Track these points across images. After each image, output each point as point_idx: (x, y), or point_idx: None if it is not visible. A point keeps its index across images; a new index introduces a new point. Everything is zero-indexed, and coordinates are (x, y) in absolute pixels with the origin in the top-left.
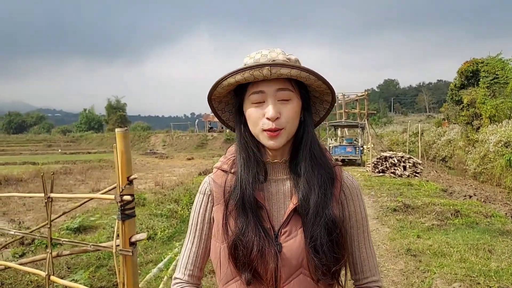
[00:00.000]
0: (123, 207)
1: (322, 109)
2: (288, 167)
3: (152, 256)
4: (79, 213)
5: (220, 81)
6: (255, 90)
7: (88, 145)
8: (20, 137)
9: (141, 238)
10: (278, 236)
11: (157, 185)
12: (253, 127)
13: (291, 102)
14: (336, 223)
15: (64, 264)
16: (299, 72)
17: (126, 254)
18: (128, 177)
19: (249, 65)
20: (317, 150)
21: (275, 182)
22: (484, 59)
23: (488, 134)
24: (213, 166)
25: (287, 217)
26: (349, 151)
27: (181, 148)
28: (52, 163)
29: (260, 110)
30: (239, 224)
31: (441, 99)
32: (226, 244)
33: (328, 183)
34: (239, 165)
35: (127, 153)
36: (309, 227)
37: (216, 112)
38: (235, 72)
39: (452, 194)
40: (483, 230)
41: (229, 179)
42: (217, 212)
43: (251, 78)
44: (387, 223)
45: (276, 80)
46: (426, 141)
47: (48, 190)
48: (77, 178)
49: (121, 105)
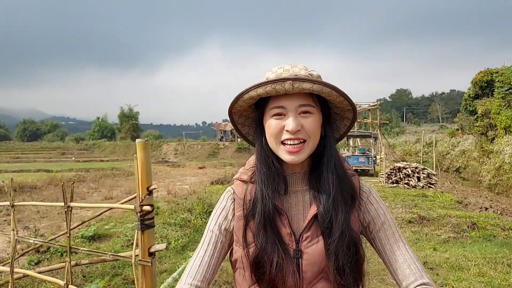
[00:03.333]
0: (143, 217)
1: (343, 126)
2: (307, 179)
3: (167, 266)
4: (94, 221)
5: (241, 94)
6: (276, 105)
7: (101, 153)
8: (34, 145)
9: (160, 249)
10: (299, 241)
11: (169, 193)
12: (270, 140)
13: (312, 116)
14: (356, 243)
15: (79, 272)
16: (321, 88)
17: (145, 264)
18: (148, 188)
19: (271, 79)
20: (340, 166)
21: (294, 194)
22: (499, 69)
23: (503, 145)
24: (233, 178)
25: (308, 222)
26: (362, 161)
27: (193, 156)
28: (65, 171)
29: (280, 122)
30: (259, 241)
31: (454, 109)
32: (246, 250)
33: (346, 196)
34: (259, 179)
35: (147, 163)
36: (333, 245)
37: (236, 126)
38: (257, 86)
39: (468, 206)
40: (501, 244)
41: (249, 189)
42: (237, 220)
43: (273, 92)
44: (403, 235)
45: (297, 95)
46: (439, 152)
47: (68, 199)
48: (90, 186)
49: (134, 114)
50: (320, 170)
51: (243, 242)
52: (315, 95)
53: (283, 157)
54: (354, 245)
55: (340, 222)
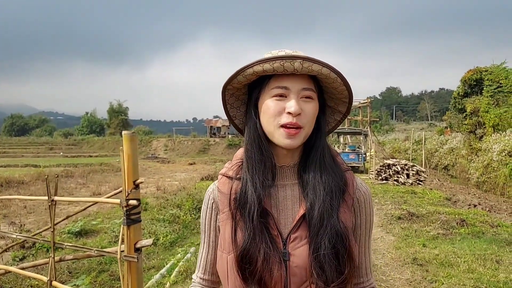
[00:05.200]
0: (129, 211)
1: (333, 120)
2: (297, 172)
3: (154, 262)
4: (81, 216)
5: (245, 68)
6: (279, 85)
7: (90, 148)
8: (22, 140)
9: (146, 244)
10: (286, 243)
11: (158, 189)
12: (269, 121)
13: (313, 102)
14: (341, 234)
15: (65, 268)
16: (329, 72)
17: (131, 260)
18: (135, 181)
19: (282, 55)
20: (327, 156)
21: (282, 187)
22: (488, 67)
23: (492, 143)
24: (219, 173)
25: (296, 223)
26: (352, 158)
27: (183, 153)
28: (53, 166)
29: (280, 103)
30: (247, 233)
31: (443, 108)
32: (233, 255)
33: (337, 191)
34: (248, 167)
35: (134, 156)
36: (313, 237)
37: (225, 105)
38: (265, 60)
39: (456, 203)
40: (490, 240)
41: (235, 186)
42: (223, 221)
43: (280, 69)
44: (392, 231)
45: (301, 78)
46: (428, 149)
47: (52, 193)
48: (78, 181)
49: (123, 109)
50: (310, 162)
51: (232, 243)
52: (316, 82)
53: (279, 141)
54: (342, 243)
55: (319, 211)
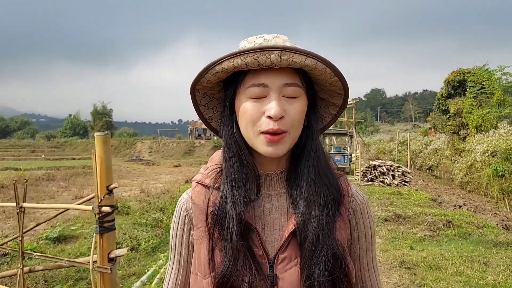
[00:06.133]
0: (102, 219)
1: (327, 114)
2: (285, 179)
3: (135, 269)
4: (60, 221)
5: (212, 65)
6: (256, 83)
7: (73, 151)
8: (3, 142)
9: (121, 254)
10: (274, 264)
11: (142, 192)
12: (247, 127)
13: (299, 100)
14: (339, 258)
15: (41, 277)
16: (315, 63)
17: (103, 271)
18: (108, 186)
19: (254, 47)
20: (322, 162)
21: (268, 198)
22: (471, 69)
23: (475, 143)
24: (193, 179)
25: (285, 241)
26: (338, 159)
27: (168, 155)
28: (35, 169)
29: (259, 106)
30: (227, 257)
31: (427, 109)
32: (211, 279)
33: (333, 205)
34: (227, 179)
35: (107, 160)
36: (307, 261)
37: (197, 107)
38: (235, 55)
39: (442, 203)
40: (477, 242)
41: (213, 197)
42: (197, 239)
43: (254, 64)
44: (379, 233)
45: (283, 72)
46: (412, 150)
47: (21, 199)
48: (60, 184)
49: (107, 111)
50: (301, 168)
51: (209, 267)
52: (302, 74)
53: (260, 149)
54: (340, 268)
55: (314, 230)
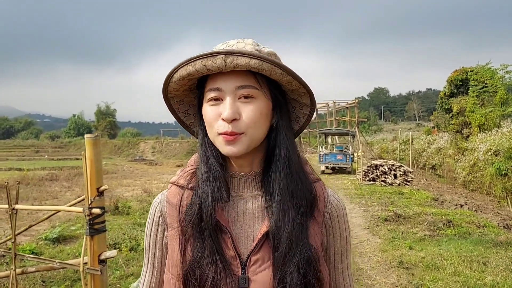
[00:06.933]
0: (92, 221)
1: (302, 115)
2: (260, 182)
3: (134, 269)
4: (61, 222)
5: (170, 74)
6: (212, 87)
7: (77, 151)
8: (7, 143)
9: (111, 256)
10: (246, 266)
11: (144, 192)
12: (209, 130)
13: (255, 102)
14: (312, 262)
15: (38, 277)
16: (261, 63)
17: (94, 273)
18: (98, 188)
19: (201, 53)
20: (294, 163)
21: (242, 200)
22: (474, 68)
23: (478, 142)
24: (169, 181)
25: (258, 242)
26: (340, 158)
27: (171, 154)
28: (38, 169)
29: (216, 109)
30: (194, 251)
31: (430, 108)
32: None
33: (306, 207)
34: (198, 178)
35: (97, 162)
36: (279, 264)
37: (176, 115)
38: (185, 63)
39: (443, 203)
40: (476, 241)
41: (186, 196)
42: (171, 239)
43: (203, 70)
44: (378, 233)
45: (237, 75)
46: (415, 149)
47: (13, 201)
48: (63, 184)
49: (111, 111)
50: (273, 169)
51: (181, 261)
52: (260, 76)
53: (221, 150)
54: (313, 272)
55: (287, 233)
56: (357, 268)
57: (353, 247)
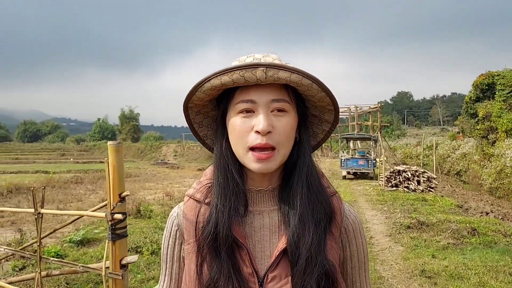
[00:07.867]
0: (114, 226)
1: (321, 131)
2: (277, 196)
3: (155, 273)
4: (84, 225)
5: (201, 83)
6: (244, 99)
7: (101, 154)
8: (34, 146)
9: (132, 261)
10: (263, 283)
11: (166, 195)
12: (237, 143)
13: (287, 116)
14: (330, 276)
15: (62, 280)
16: (301, 79)
17: (115, 277)
18: (120, 194)
19: (240, 64)
20: (314, 179)
21: (259, 215)
22: (500, 71)
23: (505, 148)
24: (185, 194)
25: (275, 259)
26: (362, 164)
27: (192, 158)
28: (63, 172)
29: (248, 121)
30: (211, 272)
31: (455, 112)
32: None
33: (325, 221)
34: (215, 193)
35: (119, 168)
36: (299, 279)
37: (192, 125)
38: (222, 72)
39: (468, 210)
40: (503, 251)
41: (202, 212)
42: (188, 254)
43: (241, 81)
44: (401, 241)
45: (270, 88)
46: (440, 155)
47: (39, 204)
48: (88, 187)
49: (134, 115)
50: (294, 185)
51: (196, 282)
52: (291, 90)
53: (249, 166)
54: (328, 278)
55: (307, 247)
56: (378, 276)
57: (375, 254)
